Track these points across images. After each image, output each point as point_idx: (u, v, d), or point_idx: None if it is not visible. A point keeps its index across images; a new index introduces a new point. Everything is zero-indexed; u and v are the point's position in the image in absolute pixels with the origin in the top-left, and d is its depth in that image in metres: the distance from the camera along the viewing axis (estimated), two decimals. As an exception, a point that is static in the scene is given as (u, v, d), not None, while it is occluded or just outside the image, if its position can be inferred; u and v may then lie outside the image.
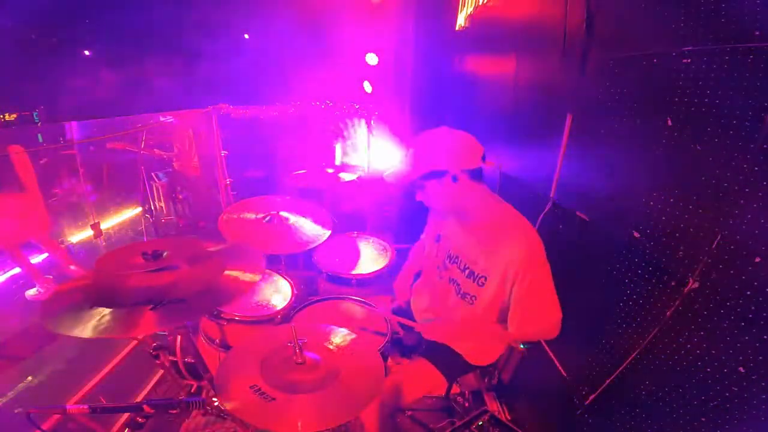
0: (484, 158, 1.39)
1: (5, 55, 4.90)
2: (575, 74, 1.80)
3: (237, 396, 1.14)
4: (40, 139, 4.05)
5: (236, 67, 6.28)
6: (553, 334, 1.39)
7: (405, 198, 5.35)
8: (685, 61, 1.20)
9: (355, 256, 2.47)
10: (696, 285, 1.15)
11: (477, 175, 1.38)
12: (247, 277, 1.24)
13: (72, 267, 3.45)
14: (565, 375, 1.78)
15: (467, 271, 1.45)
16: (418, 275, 1.82)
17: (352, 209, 4.49)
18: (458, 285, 1.50)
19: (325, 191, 2.90)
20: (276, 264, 2.41)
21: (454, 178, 1.33)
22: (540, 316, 1.34)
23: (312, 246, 2.11)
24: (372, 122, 3.30)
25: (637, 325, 1.38)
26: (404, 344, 1.81)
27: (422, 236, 1.83)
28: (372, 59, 5.73)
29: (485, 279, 1.40)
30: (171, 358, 1.64)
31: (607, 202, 1.59)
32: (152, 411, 1.19)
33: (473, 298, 1.45)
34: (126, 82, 6.15)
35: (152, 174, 5.34)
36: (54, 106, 4.97)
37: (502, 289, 1.38)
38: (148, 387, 2.31)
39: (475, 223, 1.44)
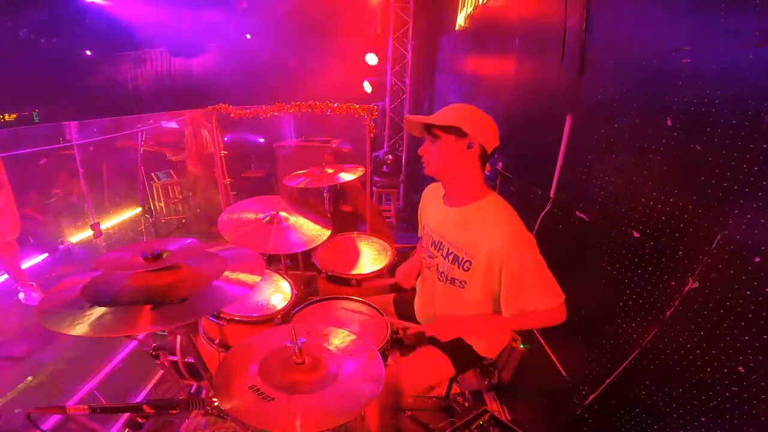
0: (495, 152, 1.42)
1: (5, 55, 4.90)
2: (575, 74, 1.80)
3: (236, 396, 1.13)
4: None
5: (237, 68, 6.29)
6: (559, 319, 1.36)
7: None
8: (685, 61, 1.20)
9: (355, 256, 2.47)
10: (696, 285, 1.15)
11: (484, 159, 1.41)
12: (247, 278, 1.24)
13: (32, 283, 3.25)
14: (565, 375, 1.78)
15: (451, 257, 1.45)
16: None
17: (352, 209, 4.48)
18: (442, 272, 1.50)
19: (325, 191, 2.90)
20: (276, 264, 2.41)
21: (470, 146, 1.36)
22: (537, 297, 1.32)
23: (312, 246, 2.11)
24: (372, 122, 3.31)
25: (637, 325, 1.38)
26: (404, 344, 1.81)
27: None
28: (372, 59, 5.73)
29: (470, 264, 1.40)
30: (171, 358, 1.64)
31: (607, 202, 1.60)
32: (152, 411, 1.18)
33: (463, 283, 1.45)
34: (127, 82, 6.16)
35: (152, 174, 5.35)
36: (54, 106, 4.97)
37: (490, 275, 1.37)
38: (148, 387, 2.31)
39: (460, 203, 1.45)
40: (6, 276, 3.48)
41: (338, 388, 1.17)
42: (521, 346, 1.64)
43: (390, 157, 5.50)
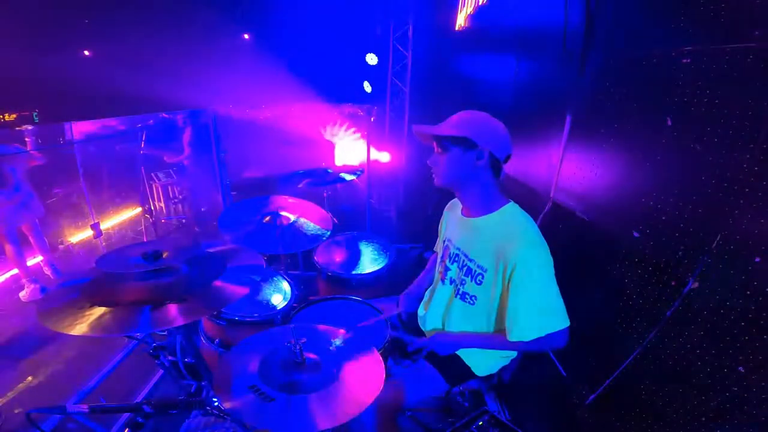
0: (507, 159, 1.40)
1: (7, 55, 4.89)
2: (575, 74, 1.80)
3: (236, 396, 1.14)
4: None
5: (237, 68, 6.29)
6: (559, 345, 1.31)
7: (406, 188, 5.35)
8: (685, 61, 1.20)
9: (355, 256, 2.48)
10: (696, 285, 1.15)
11: (497, 167, 1.39)
12: (247, 278, 1.23)
13: (35, 282, 3.38)
14: (565, 375, 1.78)
15: (465, 269, 1.44)
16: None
17: (352, 209, 4.49)
18: (458, 286, 1.48)
19: (325, 191, 2.90)
20: (276, 264, 2.41)
21: (480, 155, 1.34)
22: (540, 317, 1.27)
23: (312, 246, 2.11)
24: (371, 122, 3.31)
25: (637, 325, 1.38)
26: (404, 346, 1.80)
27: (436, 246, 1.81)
28: (372, 59, 5.73)
29: (483, 275, 1.37)
30: (171, 358, 1.64)
31: (607, 202, 1.60)
32: (152, 411, 1.19)
33: (473, 299, 1.43)
34: (127, 82, 6.15)
35: (152, 174, 5.34)
36: (54, 107, 4.96)
37: (500, 284, 1.34)
38: (148, 387, 2.31)
39: (477, 214, 1.44)
40: (6, 276, 3.49)
41: (338, 388, 1.17)
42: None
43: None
